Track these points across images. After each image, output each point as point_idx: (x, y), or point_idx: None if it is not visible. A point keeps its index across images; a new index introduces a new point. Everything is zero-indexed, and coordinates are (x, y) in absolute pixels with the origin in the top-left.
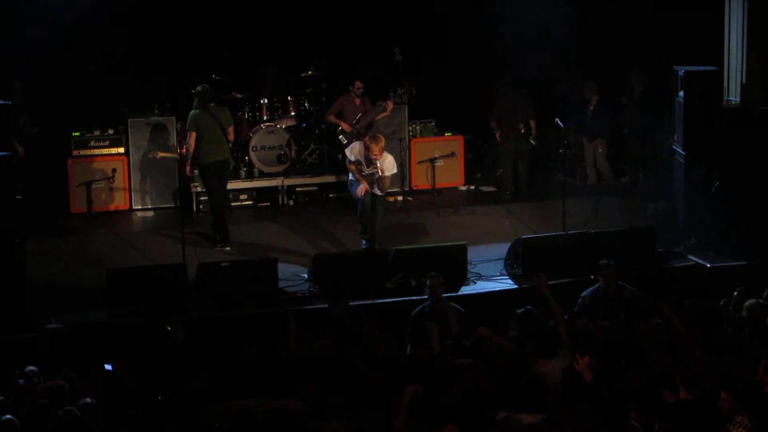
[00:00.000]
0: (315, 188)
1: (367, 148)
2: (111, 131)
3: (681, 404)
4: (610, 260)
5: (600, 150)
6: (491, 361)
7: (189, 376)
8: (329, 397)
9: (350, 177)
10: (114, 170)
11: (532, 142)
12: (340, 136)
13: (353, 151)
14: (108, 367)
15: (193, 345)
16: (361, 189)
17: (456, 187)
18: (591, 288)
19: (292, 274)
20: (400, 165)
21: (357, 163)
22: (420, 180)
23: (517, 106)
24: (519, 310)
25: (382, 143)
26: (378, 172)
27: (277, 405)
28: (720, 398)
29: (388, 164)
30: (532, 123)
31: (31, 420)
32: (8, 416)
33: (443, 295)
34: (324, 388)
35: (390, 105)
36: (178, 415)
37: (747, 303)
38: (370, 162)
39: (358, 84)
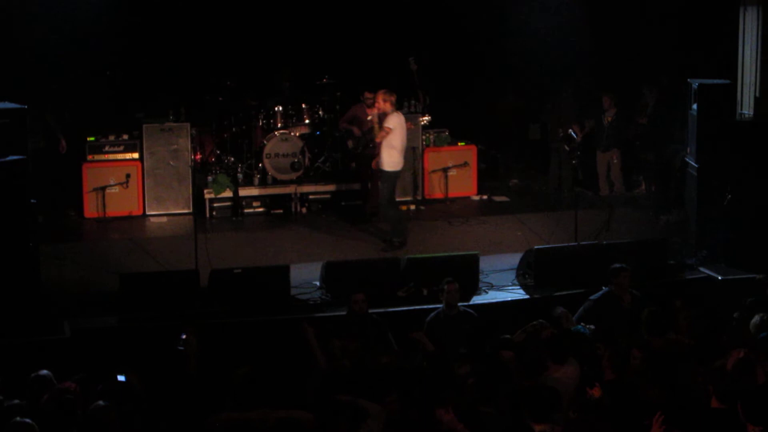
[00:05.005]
0: (328, 196)
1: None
2: (125, 136)
3: (712, 413)
4: (624, 265)
5: (615, 161)
6: (506, 370)
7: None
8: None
9: None
10: (128, 175)
11: (567, 147)
12: (349, 141)
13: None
14: (121, 378)
15: (206, 351)
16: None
17: (469, 197)
18: (600, 292)
19: (304, 282)
20: (413, 174)
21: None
22: (433, 189)
23: (561, 111)
24: (533, 323)
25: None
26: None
27: (284, 415)
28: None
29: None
30: (575, 128)
31: (47, 423)
32: (27, 420)
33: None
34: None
35: (410, 126)
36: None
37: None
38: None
39: (367, 94)
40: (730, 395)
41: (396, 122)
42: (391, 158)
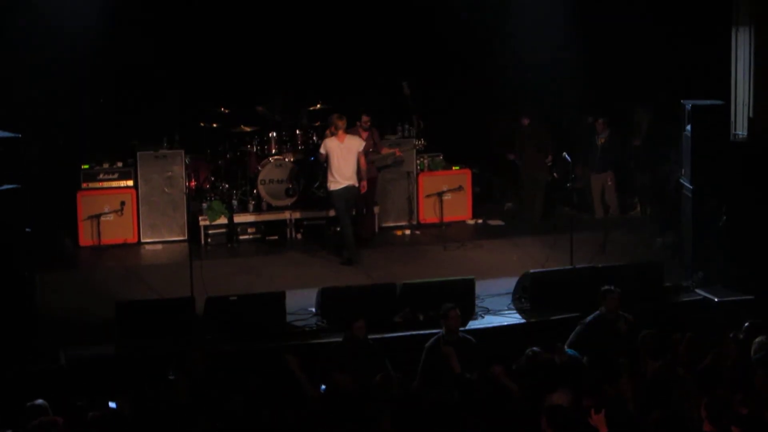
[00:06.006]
0: (323, 222)
1: None
2: (120, 164)
3: None
4: (613, 287)
5: (610, 183)
6: (503, 396)
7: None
8: None
9: None
10: (123, 203)
11: (555, 175)
12: None
13: None
14: (112, 404)
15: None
16: None
17: (464, 221)
18: (592, 315)
19: (300, 308)
20: (408, 199)
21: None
22: (428, 214)
23: (540, 138)
24: (528, 352)
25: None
26: None
27: None
28: None
29: None
30: (549, 156)
31: None
32: None
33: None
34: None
35: (398, 153)
36: None
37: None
38: None
39: (365, 118)
40: (722, 419)
41: (329, 146)
42: (327, 180)
